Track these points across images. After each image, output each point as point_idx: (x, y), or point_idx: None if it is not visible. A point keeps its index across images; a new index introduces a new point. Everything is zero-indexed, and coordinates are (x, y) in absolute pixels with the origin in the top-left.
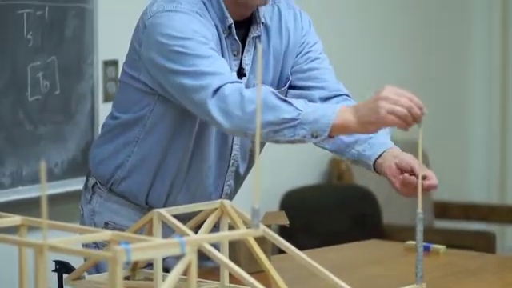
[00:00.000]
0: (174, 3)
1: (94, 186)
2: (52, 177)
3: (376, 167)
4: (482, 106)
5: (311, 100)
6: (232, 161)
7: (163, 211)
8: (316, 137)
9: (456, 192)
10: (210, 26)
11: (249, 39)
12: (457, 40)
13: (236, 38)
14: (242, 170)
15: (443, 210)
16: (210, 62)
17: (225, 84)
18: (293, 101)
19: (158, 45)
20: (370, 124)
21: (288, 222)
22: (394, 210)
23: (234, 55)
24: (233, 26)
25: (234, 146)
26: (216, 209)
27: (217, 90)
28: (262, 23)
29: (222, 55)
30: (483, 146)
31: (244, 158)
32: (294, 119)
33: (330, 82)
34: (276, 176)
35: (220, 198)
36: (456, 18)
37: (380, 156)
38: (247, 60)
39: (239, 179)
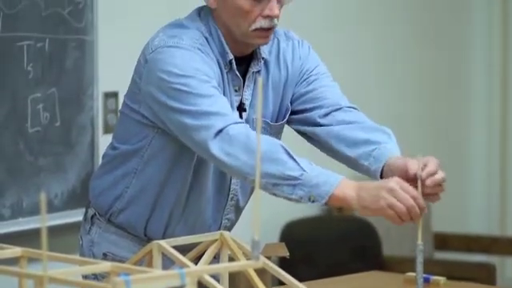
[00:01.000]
0: (176, 38)
1: (93, 216)
2: (52, 208)
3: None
4: (482, 138)
5: (311, 121)
6: (231, 195)
7: (163, 242)
8: (313, 201)
9: (456, 223)
10: (212, 62)
11: (249, 74)
12: (456, 73)
13: (237, 73)
14: (242, 204)
15: (443, 241)
16: (212, 102)
17: (229, 125)
18: (300, 160)
19: (159, 81)
20: (367, 209)
21: (288, 254)
22: (394, 241)
23: (236, 91)
24: (233, 61)
25: (233, 180)
26: (216, 240)
27: (220, 131)
28: (263, 58)
29: (224, 91)
30: (483, 177)
31: (245, 192)
32: (296, 178)
33: (329, 99)
34: (276, 207)
35: (219, 230)
36: (455, 42)
37: (383, 170)
38: (247, 95)
39: (239, 212)
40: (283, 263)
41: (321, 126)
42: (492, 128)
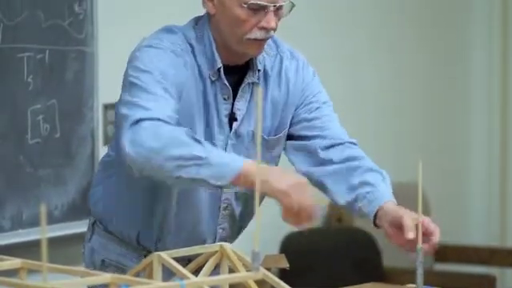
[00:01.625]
0: (157, 40)
1: (93, 224)
2: (52, 219)
3: (376, 225)
4: (483, 150)
5: (311, 150)
6: (224, 204)
7: (163, 254)
8: (219, 183)
9: (456, 235)
10: (184, 68)
11: (243, 85)
12: (456, 88)
13: (225, 82)
14: (238, 213)
15: (443, 253)
16: (151, 98)
17: (148, 119)
18: (204, 142)
19: (124, 75)
20: (268, 183)
21: (288, 265)
22: (394, 252)
23: (225, 99)
24: (221, 69)
25: (225, 190)
26: (216, 252)
27: (136, 121)
28: (259, 70)
29: (206, 98)
30: (483, 188)
31: (240, 201)
32: (201, 158)
33: (331, 130)
34: (276, 219)
35: (214, 242)
36: (454, 57)
37: (377, 213)
38: (240, 105)
39: (235, 223)
40: (283, 275)
41: (319, 161)
42: (492, 140)
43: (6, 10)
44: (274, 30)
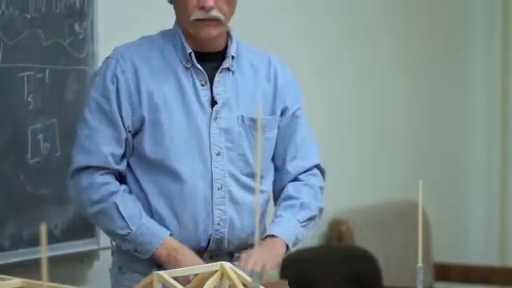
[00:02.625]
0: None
1: None
2: (52, 239)
3: None
4: (483, 168)
5: (278, 156)
6: (217, 184)
7: (164, 273)
8: (139, 253)
9: (456, 254)
10: (140, 72)
11: (219, 70)
12: (456, 107)
13: (199, 67)
14: (238, 197)
15: (443, 271)
16: (91, 137)
17: (85, 168)
18: (129, 217)
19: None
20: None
21: None
22: (395, 271)
23: (202, 85)
24: (192, 55)
25: (214, 170)
26: (216, 271)
27: (76, 171)
28: (233, 57)
29: (182, 86)
30: (484, 208)
31: (240, 184)
32: (123, 236)
33: (307, 158)
34: None
35: (212, 224)
36: (456, 81)
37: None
38: (219, 90)
39: (239, 206)
40: None
41: (283, 171)
42: (492, 157)
43: (6, 29)
44: (220, 10)
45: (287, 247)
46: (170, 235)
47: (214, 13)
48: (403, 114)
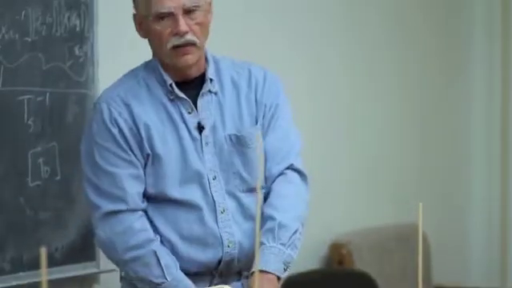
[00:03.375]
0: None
1: None
2: (52, 262)
3: None
4: (483, 188)
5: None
6: (220, 208)
7: None
8: None
9: (456, 276)
10: (132, 112)
11: (200, 95)
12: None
13: (182, 95)
14: (241, 220)
15: None
16: (117, 183)
17: (115, 212)
18: (166, 266)
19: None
20: None
21: None
22: None
23: (189, 113)
24: (173, 85)
25: (214, 194)
26: None
27: (106, 214)
28: (211, 80)
29: (171, 117)
30: (484, 230)
31: (242, 208)
32: (157, 284)
33: (281, 154)
34: None
35: (222, 247)
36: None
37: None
38: (205, 115)
39: (244, 225)
40: None
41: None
42: (493, 179)
43: (6, 53)
44: (194, 34)
45: (279, 277)
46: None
47: (189, 36)
48: (402, 137)
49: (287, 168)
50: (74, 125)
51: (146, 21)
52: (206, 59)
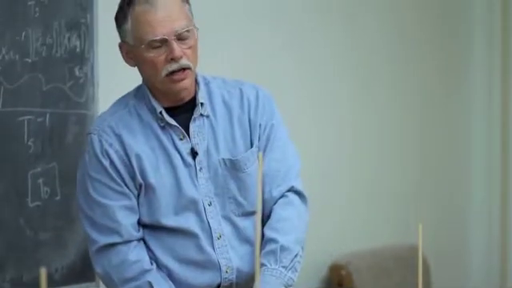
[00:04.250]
0: (98, 124)
1: None
2: (52, 282)
3: None
4: (483, 209)
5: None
6: (216, 234)
7: None
8: None
9: (456, 281)
10: (137, 125)
11: (192, 121)
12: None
13: (173, 123)
14: (237, 242)
15: None
16: (111, 216)
17: (111, 245)
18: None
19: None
20: None
21: None
22: None
23: (181, 139)
24: (163, 112)
25: (210, 220)
26: None
27: (102, 248)
28: (202, 104)
29: (162, 144)
30: (484, 250)
31: (238, 233)
32: None
33: (279, 176)
34: None
35: (220, 273)
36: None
37: None
38: (198, 140)
39: (240, 250)
40: None
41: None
42: (492, 195)
43: (6, 74)
44: (187, 58)
45: None
46: (180, 285)
47: (184, 61)
48: (402, 158)
49: (288, 190)
50: (73, 145)
51: (137, 50)
52: (197, 82)
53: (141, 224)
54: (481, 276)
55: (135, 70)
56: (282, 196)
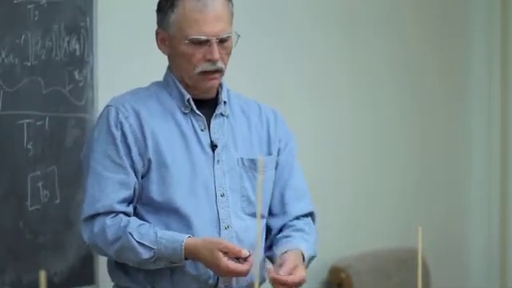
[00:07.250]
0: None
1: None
2: (51, 285)
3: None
4: (482, 212)
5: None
6: (224, 224)
7: None
8: (174, 263)
9: (456, 283)
10: (154, 104)
11: (214, 115)
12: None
13: (198, 112)
14: (243, 236)
15: None
16: (101, 187)
17: (96, 215)
18: (146, 238)
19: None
20: (199, 260)
21: None
22: None
23: (202, 130)
24: (191, 101)
25: (220, 210)
26: None
27: (88, 218)
28: (225, 102)
29: (182, 130)
30: (483, 237)
31: (245, 226)
32: (150, 259)
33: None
34: None
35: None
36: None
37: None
38: (218, 135)
39: (245, 245)
40: None
41: (282, 211)
42: (492, 188)
43: (6, 77)
44: (223, 61)
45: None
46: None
47: (220, 64)
48: (402, 160)
49: (310, 213)
50: (73, 149)
51: (176, 41)
52: (220, 83)
53: (154, 206)
54: (481, 277)
55: (135, 72)
56: (303, 217)
